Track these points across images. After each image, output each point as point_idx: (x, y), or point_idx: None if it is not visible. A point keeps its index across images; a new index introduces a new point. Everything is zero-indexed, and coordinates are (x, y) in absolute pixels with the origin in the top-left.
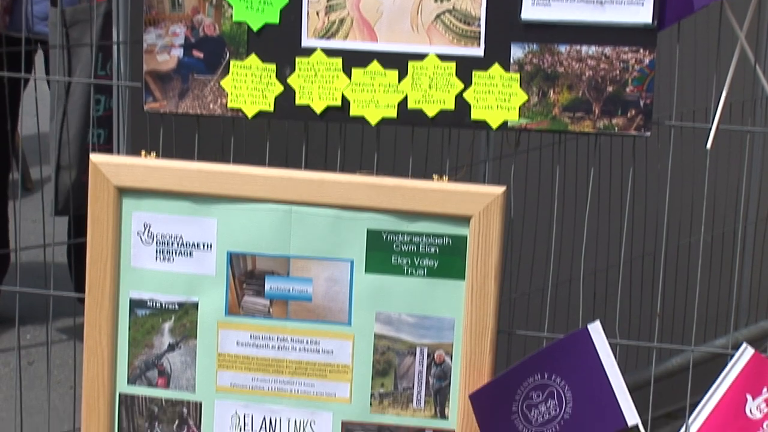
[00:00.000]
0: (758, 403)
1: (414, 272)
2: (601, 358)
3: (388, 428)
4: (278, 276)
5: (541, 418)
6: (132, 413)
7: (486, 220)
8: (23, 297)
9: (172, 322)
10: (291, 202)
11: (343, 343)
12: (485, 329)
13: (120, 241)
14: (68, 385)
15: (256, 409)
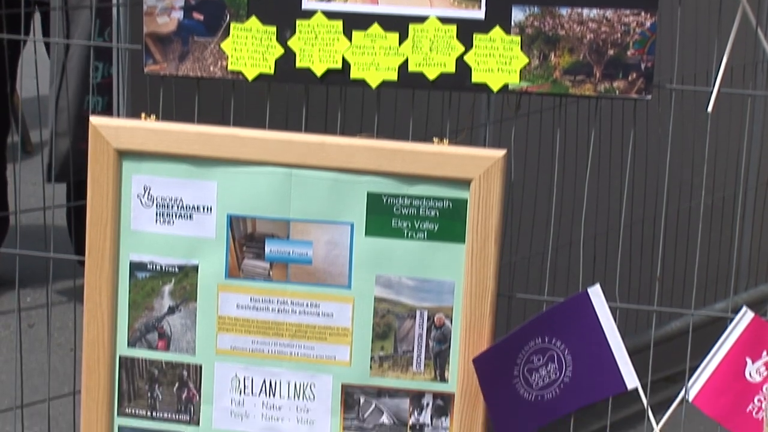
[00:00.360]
0: (758, 366)
1: (414, 235)
2: (601, 321)
3: (387, 391)
4: (278, 239)
5: (541, 382)
6: (132, 376)
7: (486, 183)
8: (23, 259)
9: (172, 284)
10: (291, 165)
11: (343, 306)
12: (485, 292)
13: (120, 203)
14: (68, 347)
15: (256, 371)
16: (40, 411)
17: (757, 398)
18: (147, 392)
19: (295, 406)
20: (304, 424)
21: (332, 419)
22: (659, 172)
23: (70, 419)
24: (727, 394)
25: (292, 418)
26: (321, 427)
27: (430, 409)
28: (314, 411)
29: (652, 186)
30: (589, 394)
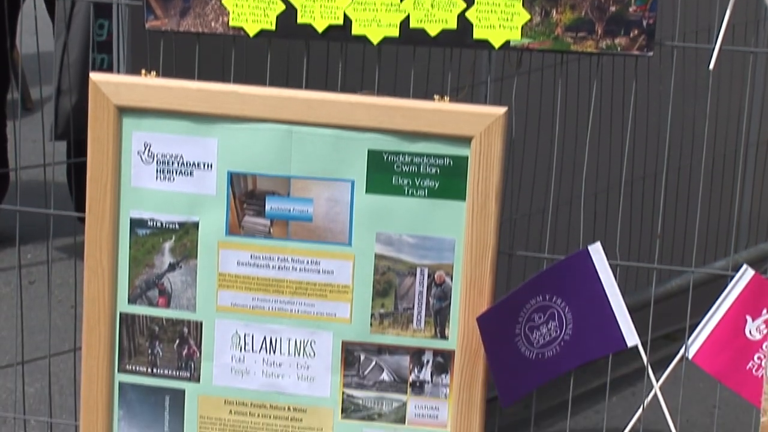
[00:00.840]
0: (758, 324)
1: (415, 193)
2: (602, 279)
3: (388, 348)
4: (279, 196)
5: (542, 340)
6: (133, 332)
7: (487, 140)
8: (23, 216)
9: (173, 241)
10: (292, 122)
11: (344, 264)
12: (486, 250)
13: (120, 160)
14: (69, 304)
15: (257, 328)
16: (41, 367)
17: (757, 356)
18: (147, 349)
19: (296, 363)
20: (304, 380)
21: (332, 376)
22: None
23: (71, 376)
24: (727, 351)
25: (293, 374)
26: (321, 383)
27: (430, 366)
28: (314, 368)
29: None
30: (589, 351)
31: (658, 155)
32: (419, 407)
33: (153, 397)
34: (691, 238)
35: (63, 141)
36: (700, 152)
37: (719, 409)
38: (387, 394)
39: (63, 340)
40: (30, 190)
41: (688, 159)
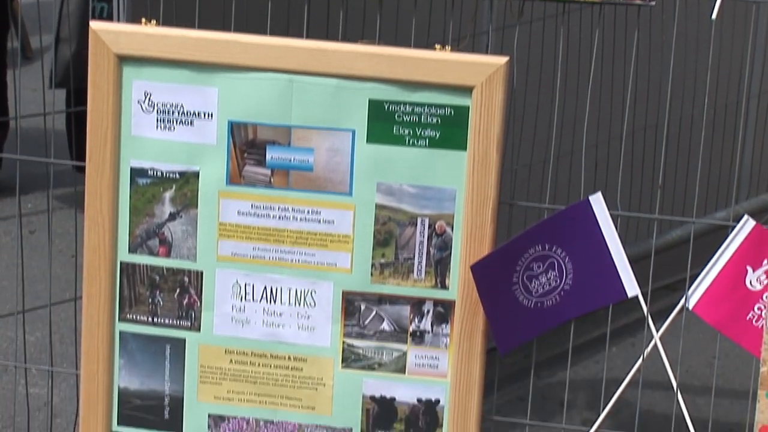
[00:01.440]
0: (758, 275)
1: (415, 142)
2: (602, 229)
3: (388, 298)
4: (279, 146)
5: (541, 289)
6: (133, 282)
7: (488, 90)
8: (23, 165)
9: (173, 191)
10: (292, 72)
11: (344, 213)
12: (486, 200)
13: (120, 109)
14: (69, 253)
15: (257, 278)
16: (42, 316)
17: (757, 306)
18: (148, 298)
19: (296, 313)
20: (304, 330)
21: (333, 326)
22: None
23: (72, 325)
24: (727, 302)
25: (293, 324)
26: (321, 333)
27: (430, 316)
28: (315, 317)
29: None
30: (589, 301)
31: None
32: (419, 357)
33: (153, 346)
34: (692, 188)
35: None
36: (702, 103)
37: (719, 359)
38: (387, 343)
39: (63, 290)
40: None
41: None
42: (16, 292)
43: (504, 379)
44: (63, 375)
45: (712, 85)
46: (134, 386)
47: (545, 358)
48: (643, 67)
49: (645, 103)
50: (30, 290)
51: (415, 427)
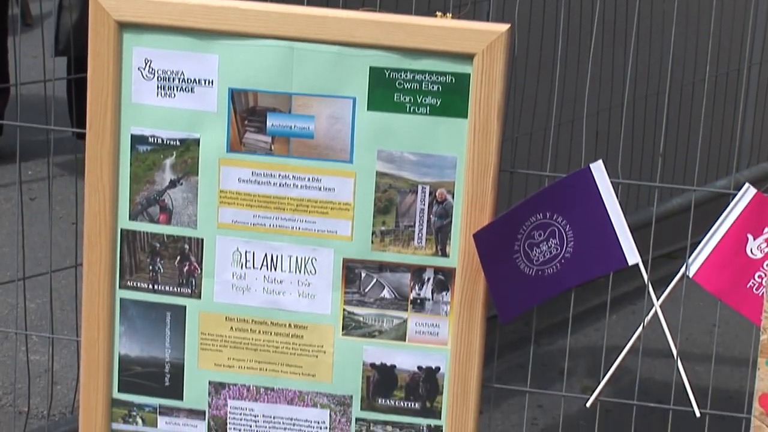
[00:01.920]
0: (759, 243)
1: (416, 110)
2: (603, 197)
3: (388, 266)
4: (280, 113)
5: (542, 257)
6: (134, 249)
7: (489, 58)
8: (24, 132)
9: (174, 158)
10: (293, 39)
11: (345, 181)
12: (487, 168)
13: (120, 76)
14: (70, 220)
15: (258, 245)
16: (42, 283)
17: (758, 274)
18: (148, 265)
19: (296, 280)
20: (305, 297)
21: (333, 293)
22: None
23: (72, 292)
24: (728, 270)
25: (293, 291)
26: (322, 300)
27: (431, 283)
28: (315, 285)
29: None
30: (589, 269)
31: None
32: (420, 324)
33: (154, 314)
34: (693, 156)
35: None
36: (703, 71)
37: (719, 327)
38: (387, 311)
39: (64, 257)
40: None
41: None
42: (17, 259)
43: (504, 346)
44: (63, 342)
45: (713, 54)
46: (135, 353)
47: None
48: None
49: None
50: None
51: (415, 395)
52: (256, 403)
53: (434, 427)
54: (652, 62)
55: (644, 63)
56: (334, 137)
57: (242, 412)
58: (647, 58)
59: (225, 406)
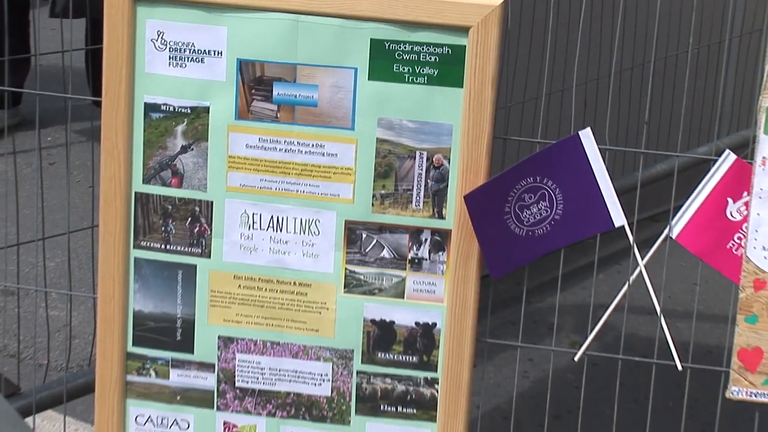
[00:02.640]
0: (738, 206)
1: (415, 80)
2: (591, 162)
3: (388, 227)
4: (285, 82)
5: (532, 219)
6: (147, 211)
7: (484, 30)
8: (43, 100)
9: (185, 125)
10: (298, 12)
11: (347, 147)
12: (481, 134)
13: (134, 47)
14: (87, 184)
15: (264, 208)
16: (61, 243)
17: (737, 235)
18: (161, 226)
19: (301, 241)
20: (309, 257)
21: (335, 253)
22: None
23: (89, 251)
24: (709, 231)
25: (298, 251)
26: (325, 260)
27: (428, 244)
28: (318, 245)
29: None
30: (577, 231)
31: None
32: (417, 283)
33: (166, 272)
34: (677, 124)
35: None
36: (686, 44)
37: (700, 286)
38: (387, 270)
39: (81, 218)
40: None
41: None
42: (37, 220)
43: (497, 303)
44: (81, 298)
45: (695, 27)
46: (148, 309)
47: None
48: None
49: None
50: (49, 219)
51: (413, 349)
52: (263, 356)
53: (431, 380)
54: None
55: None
56: (337, 105)
57: (249, 364)
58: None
59: (233, 360)
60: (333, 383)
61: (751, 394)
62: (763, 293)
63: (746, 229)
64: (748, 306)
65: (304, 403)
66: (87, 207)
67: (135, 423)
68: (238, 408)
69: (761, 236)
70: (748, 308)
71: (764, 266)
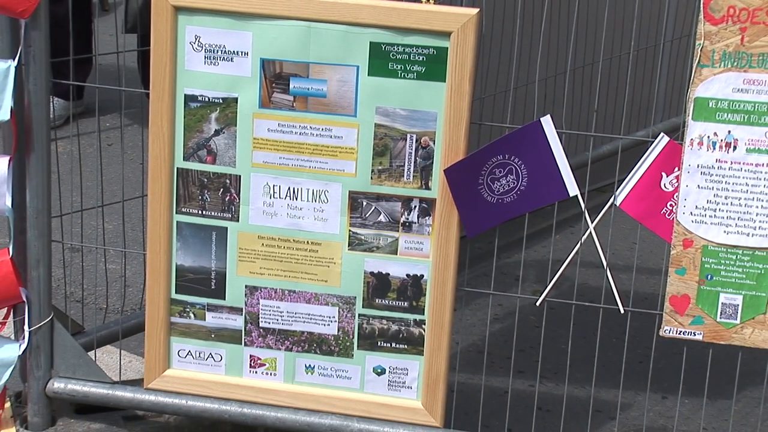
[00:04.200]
0: (671, 179)
1: (406, 76)
2: (551, 143)
3: (384, 196)
4: (300, 77)
5: (501, 189)
6: (187, 183)
7: (463, 35)
8: (102, 93)
9: (218, 112)
10: (310, 20)
11: (351, 131)
12: (461, 120)
13: (176, 49)
14: (138, 161)
15: (283, 180)
16: (117, 209)
17: (670, 203)
18: (198, 196)
19: (313, 208)
20: (319, 221)
21: (341, 218)
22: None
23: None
24: (647, 200)
25: (311, 216)
26: (333, 223)
27: (417, 210)
28: (327, 211)
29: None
30: (539, 199)
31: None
32: (408, 242)
33: (202, 233)
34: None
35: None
36: (628, 46)
37: (638, 244)
38: (383, 231)
39: (134, 189)
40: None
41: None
42: (97, 191)
43: (473, 259)
44: (133, 255)
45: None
46: (188, 263)
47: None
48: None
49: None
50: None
51: (404, 296)
52: (282, 302)
53: (419, 321)
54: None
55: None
56: (342, 97)
57: (271, 308)
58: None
59: (257, 304)
60: (339, 324)
61: (680, 332)
62: (690, 250)
63: (677, 198)
64: (678, 261)
65: (316, 340)
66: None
67: (177, 356)
68: (261, 344)
69: (689, 204)
70: (678, 262)
71: (692, 228)
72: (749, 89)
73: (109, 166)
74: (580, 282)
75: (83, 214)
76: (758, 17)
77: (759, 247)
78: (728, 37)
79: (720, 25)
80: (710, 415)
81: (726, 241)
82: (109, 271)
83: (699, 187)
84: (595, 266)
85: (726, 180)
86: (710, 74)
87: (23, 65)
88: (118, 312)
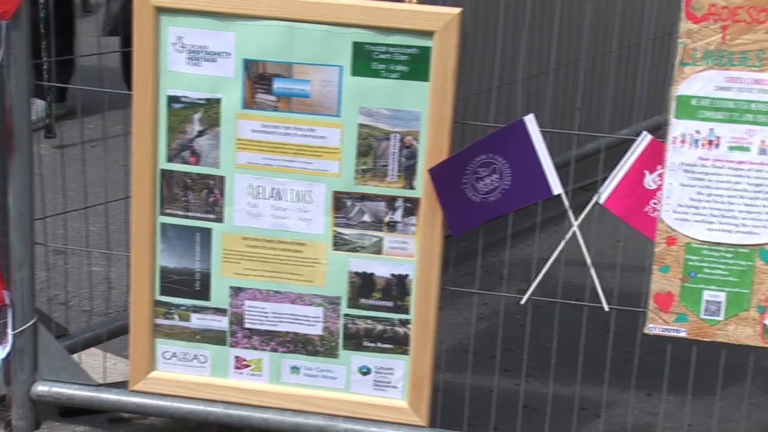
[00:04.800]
0: (653, 177)
1: (389, 75)
2: (534, 142)
3: (368, 196)
4: (283, 78)
5: (486, 188)
6: (171, 184)
7: (446, 34)
8: (85, 94)
9: (201, 113)
10: (293, 20)
11: (334, 131)
12: (444, 120)
13: (159, 50)
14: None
15: (267, 181)
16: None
17: (653, 201)
18: (182, 197)
19: (297, 208)
20: (303, 221)
21: (325, 218)
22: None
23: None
24: (630, 198)
25: (295, 217)
26: (317, 223)
27: (401, 209)
28: (312, 212)
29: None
30: (523, 198)
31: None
32: (392, 241)
33: (187, 234)
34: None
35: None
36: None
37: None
38: (368, 231)
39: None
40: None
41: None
42: (82, 192)
43: (457, 258)
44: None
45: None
46: (172, 265)
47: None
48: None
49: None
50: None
51: (389, 296)
52: (267, 302)
53: (404, 321)
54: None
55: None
56: (326, 97)
57: (256, 309)
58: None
59: (242, 305)
60: (324, 324)
61: (664, 329)
62: (674, 248)
63: (660, 196)
64: (661, 258)
65: (301, 340)
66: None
67: (162, 358)
68: (246, 345)
69: (672, 201)
70: (661, 260)
71: (675, 226)
72: (731, 87)
73: (93, 168)
74: (564, 280)
75: (66, 216)
76: (739, 15)
77: (741, 244)
78: (710, 35)
79: (701, 24)
80: (695, 412)
81: (709, 239)
82: (93, 273)
83: (682, 185)
84: (580, 264)
85: (708, 177)
86: (692, 72)
87: (4, 67)
88: (102, 314)
